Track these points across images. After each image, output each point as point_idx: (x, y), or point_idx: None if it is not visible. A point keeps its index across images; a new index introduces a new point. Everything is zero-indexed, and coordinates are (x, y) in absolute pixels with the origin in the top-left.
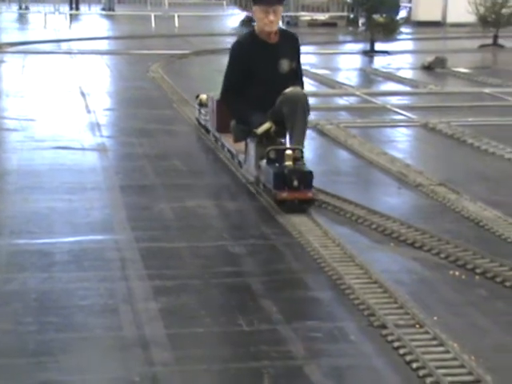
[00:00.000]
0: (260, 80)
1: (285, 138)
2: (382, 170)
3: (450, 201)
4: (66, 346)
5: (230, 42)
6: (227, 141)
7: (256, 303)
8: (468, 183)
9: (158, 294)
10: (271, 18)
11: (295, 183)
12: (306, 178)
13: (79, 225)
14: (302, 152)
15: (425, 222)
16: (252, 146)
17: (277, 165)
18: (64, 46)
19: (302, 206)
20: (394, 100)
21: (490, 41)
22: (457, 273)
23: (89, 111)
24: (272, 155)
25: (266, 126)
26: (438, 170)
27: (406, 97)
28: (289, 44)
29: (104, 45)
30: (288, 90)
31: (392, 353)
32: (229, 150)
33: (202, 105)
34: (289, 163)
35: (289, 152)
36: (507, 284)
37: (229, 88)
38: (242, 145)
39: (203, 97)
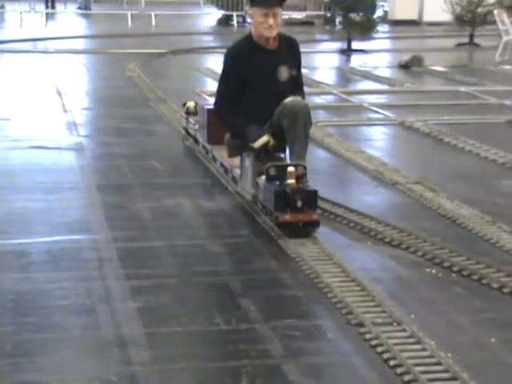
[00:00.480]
0: (257, 89)
1: (285, 152)
2: (359, 168)
3: (426, 199)
4: (43, 347)
5: (207, 40)
6: (220, 154)
7: (234, 302)
8: (445, 181)
9: (136, 294)
10: (271, 21)
11: (299, 204)
12: (311, 197)
13: (56, 224)
14: (304, 168)
15: (402, 220)
16: (249, 162)
17: (278, 183)
18: (40, 44)
19: (305, 229)
20: (371, 98)
21: (466, 39)
22: (434, 271)
23: (65, 110)
24: (272, 172)
25: (264, 139)
26: (415, 169)
27: (383, 95)
28: (288, 50)
29: (80, 44)
30: (288, 100)
31: (369, 351)
32: (222, 165)
33: (189, 113)
34: (291, 181)
35: (291, 169)
36: (484, 282)
37: (223, 98)
38: (237, 160)
39: (191, 104)
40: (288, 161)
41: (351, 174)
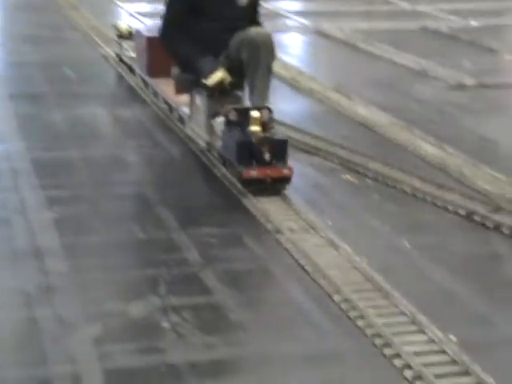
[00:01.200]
0: (211, 14)
1: (243, 90)
2: (275, 76)
3: (342, 106)
4: None
5: None
6: (163, 89)
7: (151, 211)
8: (360, 88)
9: (52, 204)
10: None
11: (266, 157)
12: (280, 149)
13: None
14: (270, 112)
15: (319, 127)
16: (201, 101)
17: (239, 130)
18: None
19: (275, 187)
20: (286, 5)
21: None
22: (350, 177)
23: None
24: (232, 117)
25: (219, 76)
26: (331, 76)
27: (299, 2)
28: None
29: None
30: (249, 30)
31: (286, 257)
32: (165, 101)
33: (122, 36)
34: (256, 129)
35: (255, 114)
36: (398, 187)
37: (170, 24)
38: (185, 97)
39: (122, 26)
40: (247, 100)
41: None
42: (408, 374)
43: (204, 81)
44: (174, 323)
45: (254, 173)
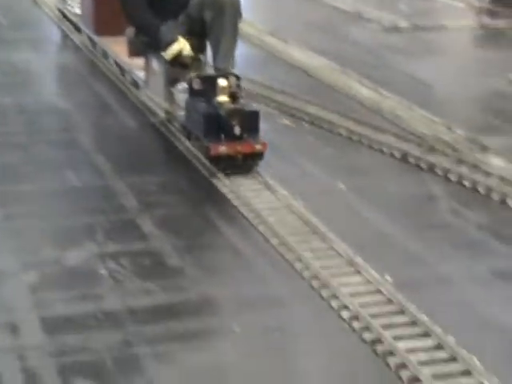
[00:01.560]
0: None
1: (205, 53)
2: None
3: (279, 51)
4: None
5: None
6: (114, 50)
7: (87, 159)
8: (296, 32)
9: None
10: None
11: (237, 130)
12: (252, 121)
13: None
14: (238, 79)
15: (255, 72)
16: (158, 65)
17: (205, 101)
18: None
19: (247, 164)
20: None
21: None
22: (287, 121)
23: None
24: (196, 85)
25: (176, 47)
26: (267, 20)
27: None
28: None
29: None
30: None
31: (223, 200)
32: (117, 63)
33: None
34: (224, 99)
35: (223, 82)
36: (334, 130)
37: None
38: (140, 60)
39: None
40: (211, 64)
41: None
42: (345, 314)
43: (162, 53)
44: (112, 270)
45: (223, 149)
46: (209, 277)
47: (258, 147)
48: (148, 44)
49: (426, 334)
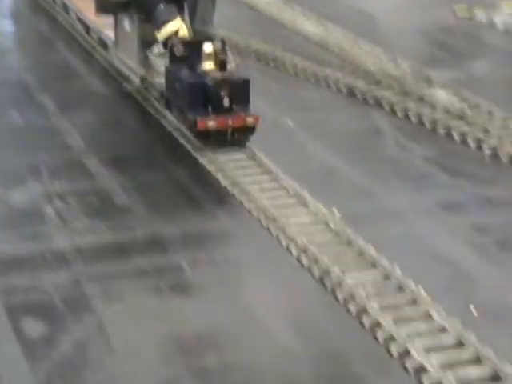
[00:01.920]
0: None
1: (184, 16)
2: None
3: None
4: None
5: None
6: (78, 6)
7: (31, 98)
8: None
9: None
10: None
11: (226, 102)
12: (242, 91)
13: None
14: (224, 44)
15: None
16: (130, 25)
17: (189, 69)
18: None
19: (238, 138)
20: None
21: None
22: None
23: None
24: (178, 52)
25: (173, 27)
26: None
27: None
28: None
29: None
30: None
31: (170, 137)
32: (80, 20)
33: None
34: (210, 67)
35: (208, 48)
36: (280, 66)
37: None
38: (107, 18)
39: None
40: (187, 22)
41: None
42: (294, 249)
43: (156, 34)
44: (58, 209)
45: (211, 123)
46: (157, 215)
47: (250, 120)
48: (118, 2)
49: (374, 266)
